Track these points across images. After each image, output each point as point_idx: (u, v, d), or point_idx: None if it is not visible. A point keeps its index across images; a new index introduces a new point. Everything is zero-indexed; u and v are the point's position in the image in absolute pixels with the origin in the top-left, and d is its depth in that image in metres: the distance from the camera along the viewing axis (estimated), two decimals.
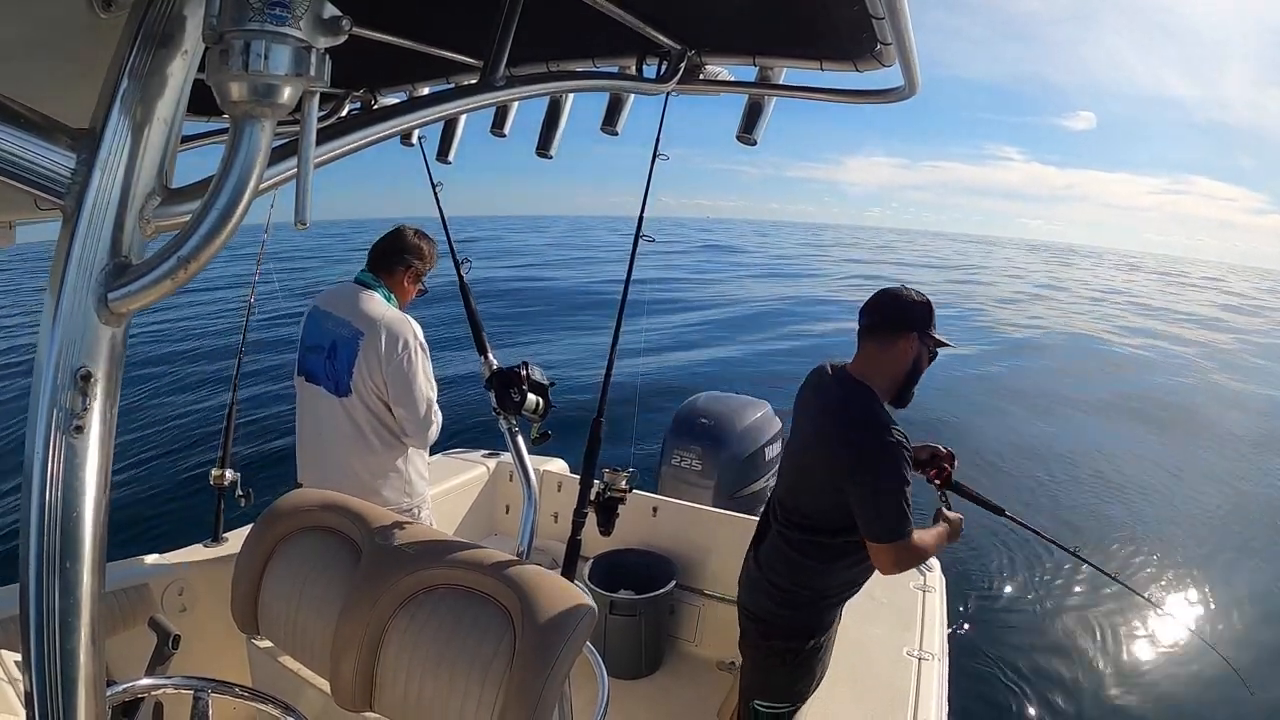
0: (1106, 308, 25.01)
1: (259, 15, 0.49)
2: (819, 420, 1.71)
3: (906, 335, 1.66)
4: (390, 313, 2.07)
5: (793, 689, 1.72)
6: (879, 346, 1.68)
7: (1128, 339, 16.73)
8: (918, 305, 1.68)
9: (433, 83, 1.62)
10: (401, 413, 2.04)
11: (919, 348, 1.67)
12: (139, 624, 1.34)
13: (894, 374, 1.68)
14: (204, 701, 1.13)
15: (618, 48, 1.34)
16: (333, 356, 2.05)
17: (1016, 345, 14.17)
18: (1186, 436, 8.33)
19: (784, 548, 1.73)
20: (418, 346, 2.04)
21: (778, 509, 1.79)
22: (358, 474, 2.05)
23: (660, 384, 7.52)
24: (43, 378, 0.47)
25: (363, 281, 2.14)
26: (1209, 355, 15.25)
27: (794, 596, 1.71)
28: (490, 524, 3.14)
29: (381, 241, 2.20)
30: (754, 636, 1.80)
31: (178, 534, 2.27)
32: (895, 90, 1.24)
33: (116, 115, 0.49)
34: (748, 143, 1.52)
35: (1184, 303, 30.82)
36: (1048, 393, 9.98)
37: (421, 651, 1.25)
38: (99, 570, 0.50)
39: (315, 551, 1.47)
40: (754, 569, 1.82)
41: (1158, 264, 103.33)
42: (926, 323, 1.67)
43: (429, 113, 0.81)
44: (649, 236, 1.86)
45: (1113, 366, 12.71)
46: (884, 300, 1.71)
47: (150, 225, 0.51)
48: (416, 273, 2.19)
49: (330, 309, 2.10)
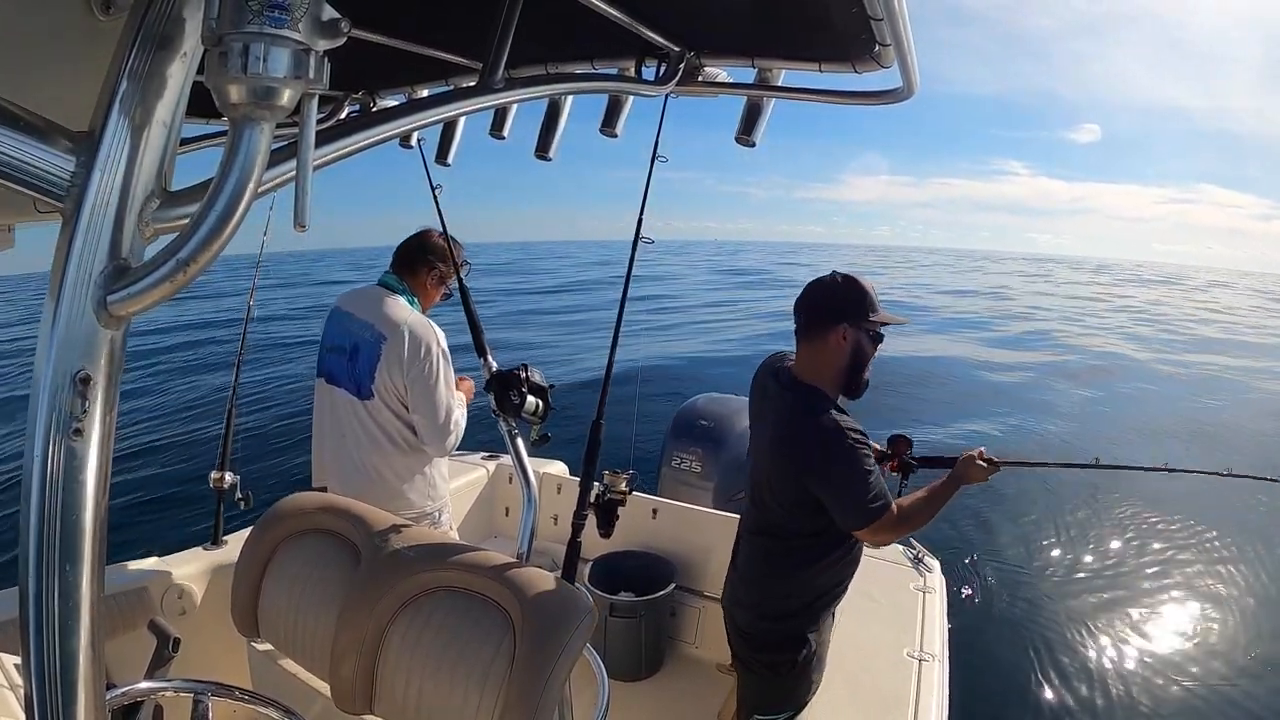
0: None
1: (258, 18, 0.49)
2: (773, 430, 1.66)
3: (836, 327, 1.59)
4: (414, 317, 2.03)
5: (790, 698, 1.70)
6: (812, 345, 1.63)
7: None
8: (846, 291, 1.60)
9: (432, 85, 1.62)
10: (420, 420, 2.01)
11: (855, 336, 1.60)
12: (139, 627, 1.33)
13: (835, 369, 1.62)
14: (204, 705, 1.13)
15: (616, 50, 1.34)
16: (354, 359, 2.03)
17: None
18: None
19: (759, 558, 1.71)
20: (440, 354, 2.01)
21: (747, 519, 1.76)
22: (384, 476, 2.03)
23: (661, 384, 7.52)
24: (42, 380, 0.47)
25: (386, 284, 2.11)
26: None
27: (779, 608, 1.68)
28: (490, 526, 3.14)
29: (407, 242, 2.18)
30: (744, 651, 1.76)
31: (177, 537, 2.26)
32: (894, 91, 1.25)
33: (116, 118, 0.49)
34: (746, 144, 1.53)
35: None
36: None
37: (421, 654, 1.25)
38: (98, 573, 0.50)
39: (315, 554, 1.47)
40: (735, 584, 1.79)
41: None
42: (859, 308, 1.60)
43: (428, 115, 0.81)
44: (648, 238, 1.86)
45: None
46: (810, 294, 1.64)
47: (150, 228, 0.51)
48: (440, 275, 2.16)
49: (352, 310, 2.08)
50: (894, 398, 8.43)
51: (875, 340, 1.63)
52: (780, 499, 1.63)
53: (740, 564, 1.77)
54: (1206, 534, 5.41)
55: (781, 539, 1.65)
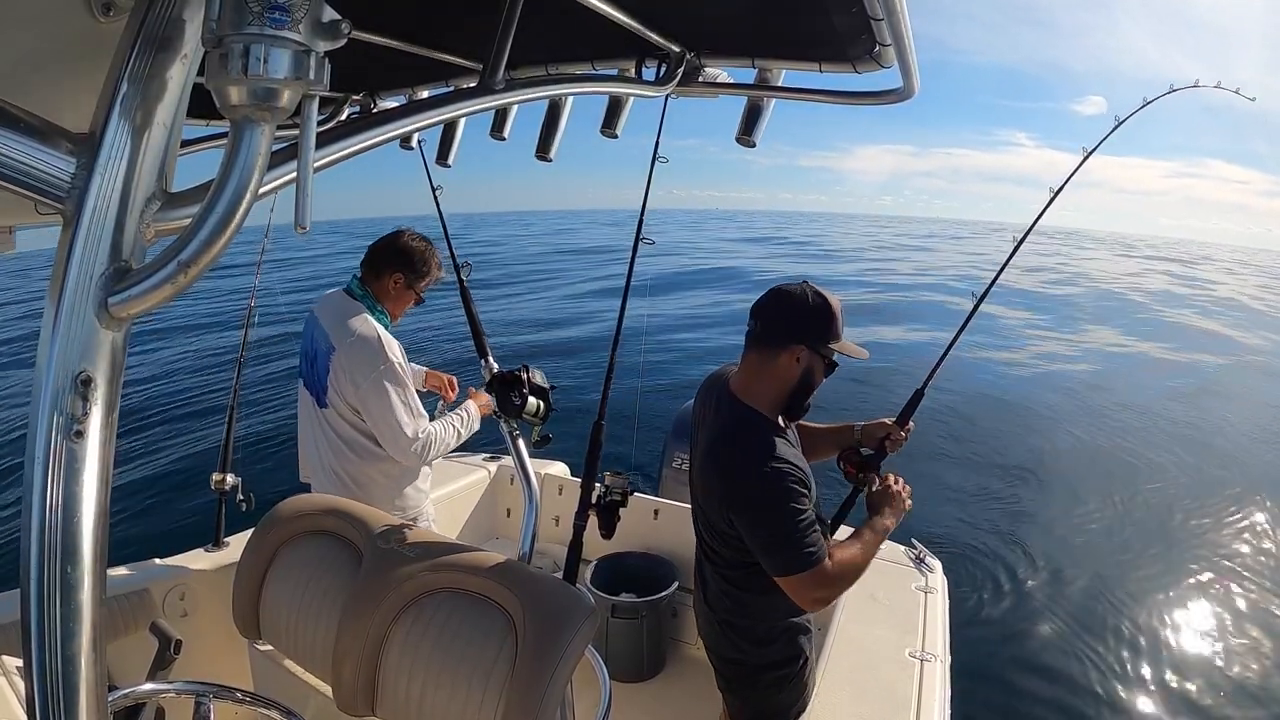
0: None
1: (258, 19, 0.49)
2: (704, 449, 1.52)
3: (792, 348, 1.42)
4: (364, 329, 1.94)
5: (789, 709, 1.62)
6: (760, 358, 1.47)
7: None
8: (812, 311, 1.43)
9: (432, 86, 1.62)
10: (378, 434, 1.96)
11: (810, 359, 1.44)
12: (140, 629, 1.34)
13: (777, 390, 1.46)
14: (206, 707, 1.13)
15: (617, 50, 1.34)
16: (314, 366, 2.02)
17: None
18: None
19: (722, 583, 1.56)
20: (388, 369, 1.91)
21: (705, 545, 1.60)
22: (344, 482, 2.01)
23: (660, 385, 7.52)
24: (43, 382, 0.47)
25: (350, 291, 2.05)
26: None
27: (765, 633, 1.56)
28: (491, 527, 3.14)
29: (376, 243, 2.09)
30: (734, 675, 1.64)
31: (179, 539, 2.26)
32: (894, 91, 1.25)
33: (116, 119, 0.49)
34: (747, 144, 1.53)
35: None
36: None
37: (423, 655, 1.25)
38: (100, 575, 0.50)
39: (316, 556, 1.47)
40: (706, 611, 1.63)
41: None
42: (823, 331, 1.43)
43: (428, 116, 0.81)
44: (649, 239, 1.87)
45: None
46: (771, 303, 1.47)
47: (150, 229, 0.51)
48: (407, 280, 2.05)
49: (320, 315, 2.04)
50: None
51: (829, 368, 1.48)
52: (723, 525, 1.47)
53: (711, 592, 1.61)
54: (1220, 534, 5.41)
55: (742, 565, 1.49)
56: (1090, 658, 3.87)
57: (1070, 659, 3.84)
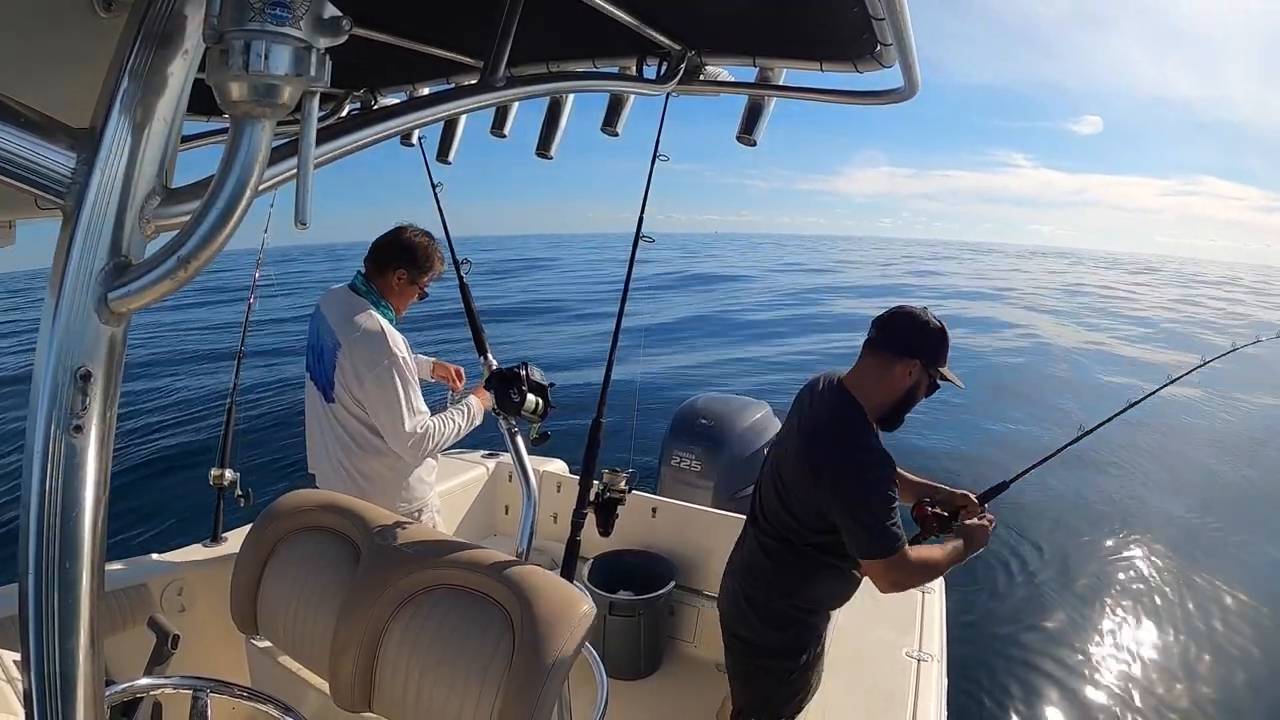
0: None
1: (259, 15, 0.48)
2: (804, 432, 1.65)
3: (908, 360, 1.58)
4: (369, 325, 1.98)
5: (788, 704, 1.69)
6: (878, 364, 1.61)
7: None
8: (931, 333, 1.60)
9: (433, 83, 1.62)
10: (382, 429, 1.99)
11: (920, 376, 1.60)
12: (138, 624, 1.34)
13: (886, 397, 1.61)
14: (203, 701, 1.13)
15: (618, 48, 1.34)
16: (321, 361, 2.03)
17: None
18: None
19: (763, 559, 1.68)
20: (394, 364, 1.95)
21: (759, 518, 1.74)
22: (352, 475, 2.04)
23: (661, 385, 7.52)
24: (42, 377, 0.47)
25: (355, 287, 2.07)
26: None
27: (780, 616, 1.67)
28: (490, 524, 3.14)
29: (378, 240, 2.12)
30: (740, 654, 1.75)
31: (177, 534, 2.27)
32: (895, 91, 1.24)
33: (117, 115, 0.49)
34: (747, 143, 1.53)
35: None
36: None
37: (421, 652, 1.25)
38: (98, 570, 0.50)
39: (314, 551, 1.47)
40: (734, 583, 1.76)
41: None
42: (936, 353, 1.60)
43: (429, 113, 0.81)
44: (649, 238, 1.87)
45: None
46: (898, 319, 1.62)
47: (150, 225, 0.51)
48: (410, 276, 2.09)
49: (325, 310, 2.07)
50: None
51: (931, 389, 1.64)
52: (798, 503, 1.60)
53: (745, 565, 1.74)
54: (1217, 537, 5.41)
55: (791, 544, 1.63)
56: (1090, 657, 3.88)
57: (1068, 659, 3.86)
